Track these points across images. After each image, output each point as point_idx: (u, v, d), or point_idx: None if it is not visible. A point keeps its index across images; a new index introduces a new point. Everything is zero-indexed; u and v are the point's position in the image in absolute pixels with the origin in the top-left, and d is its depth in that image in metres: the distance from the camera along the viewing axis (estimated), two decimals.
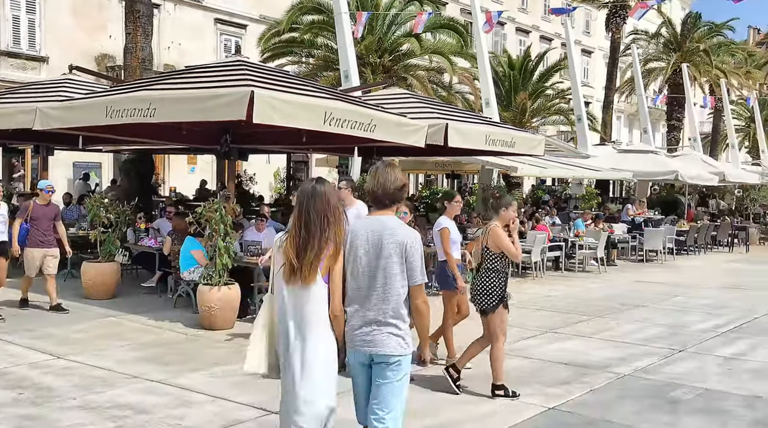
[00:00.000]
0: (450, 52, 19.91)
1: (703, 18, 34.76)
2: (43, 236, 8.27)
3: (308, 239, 3.20)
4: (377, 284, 3.33)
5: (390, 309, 3.32)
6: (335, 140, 9.98)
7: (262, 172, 23.73)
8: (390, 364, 3.30)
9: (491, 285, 5.57)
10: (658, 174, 19.44)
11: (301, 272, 3.21)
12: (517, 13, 38.42)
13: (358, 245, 3.38)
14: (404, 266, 3.33)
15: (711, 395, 5.79)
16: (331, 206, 3.24)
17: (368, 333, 3.32)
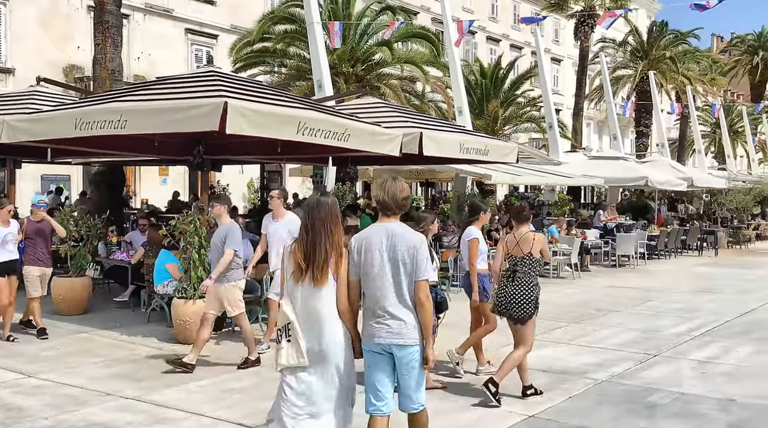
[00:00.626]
0: (422, 62, 20.01)
1: (668, 26, 35.55)
2: (42, 254, 7.91)
3: (314, 244, 3.64)
4: (390, 283, 3.75)
5: (403, 305, 3.75)
6: (309, 149, 9.94)
7: (236, 182, 23.58)
8: (408, 351, 3.75)
9: (531, 293, 5.68)
10: (629, 180, 19.73)
11: (311, 273, 3.64)
12: (488, 22, 38.84)
13: (374, 250, 3.78)
14: (413, 266, 3.74)
15: (686, 399, 5.85)
16: (333, 215, 3.70)
17: (390, 326, 3.75)
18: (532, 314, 5.70)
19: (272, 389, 6.02)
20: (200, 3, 25.49)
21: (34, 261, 7.84)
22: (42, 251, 7.92)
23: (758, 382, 6.40)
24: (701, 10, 16.39)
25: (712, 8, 16.31)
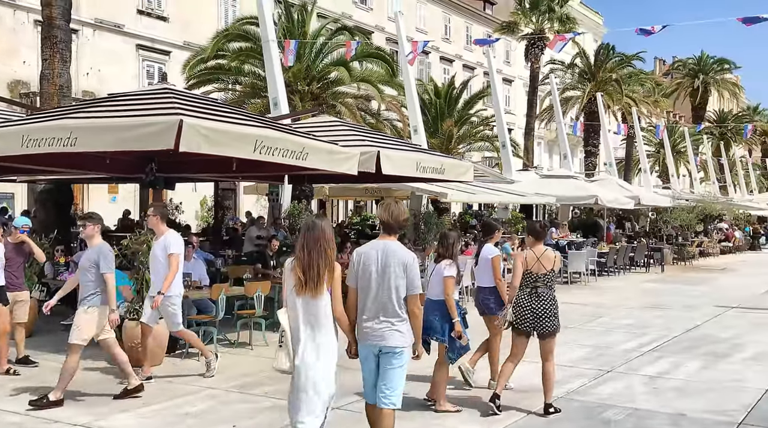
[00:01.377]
0: (378, 81, 20.17)
1: (614, 50, 36.76)
2: (14, 278, 7.40)
3: (311, 260, 4.13)
4: (384, 293, 4.30)
5: (394, 312, 4.30)
6: (265, 168, 9.86)
7: (189, 200, 23.10)
8: (395, 354, 4.30)
9: (556, 308, 5.96)
10: (579, 198, 20.22)
11: (309, 286, 4.13)
12: (441, 42, 39.47)
13: (370, 263, 4.34)
14: (405, 279, 4.31)
15: (640, 414, 5.98)
16: (326, 236, 4.18)
17: (378, 330, 4.30)
18: (558, 328, 5.98)
19: (228, 412, 5.92)
20: (152, 19, 25.15)
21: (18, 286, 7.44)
22: (15, 274, 7.45)
23: (707, 397, 6.59)
24: (646, 34, 16.98)
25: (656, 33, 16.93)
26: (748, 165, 52.23)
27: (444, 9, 40.59)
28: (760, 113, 63.59)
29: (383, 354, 4.32)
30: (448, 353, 6.03)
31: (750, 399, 6.39)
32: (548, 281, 5.97)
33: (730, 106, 64.32)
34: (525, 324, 5.96)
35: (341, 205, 33.34)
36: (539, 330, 5.93)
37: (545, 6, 31.81)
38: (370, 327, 4.32)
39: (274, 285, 9.65)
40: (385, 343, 4.29)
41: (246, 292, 8.76)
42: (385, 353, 4.31)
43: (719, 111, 60.27)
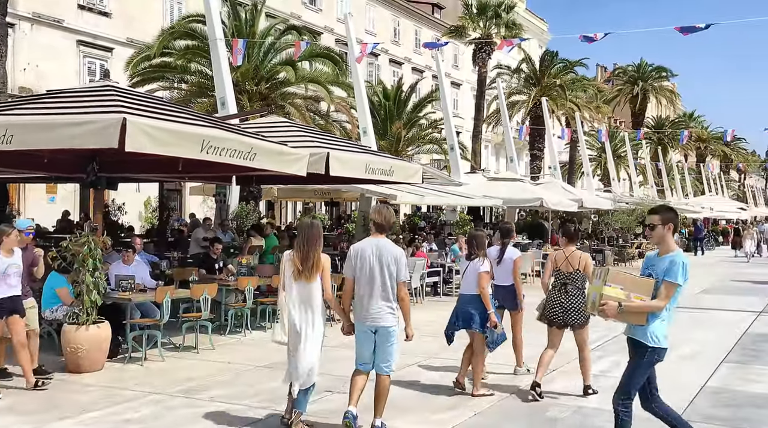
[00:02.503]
0: (327, 81, 20.08)
1: (558, 56, 37.66)
2: (24, 285, 6.98)
3: (308, 252, 5.26)
4: (379, 282, 5.20)
5: (388, 297, 5.21)
6: (212, 168, 9.69)
7: (132, 201, 22.54)
8: (389, 331, 5.23)
9: (584, 302, 6.38)
10: (525, 201, 20.60)
11: (305, 273, 5.24)
12: (390, 45, 39.64)
13: (366, 256, 5.22)
14: (396, 270, 5.20)
15: (584, 412, 6.12)
16: (319, 234, 5.36)
17: (375, 313, 5.21)
18: (588, 319, 6.55)
19: (172, 418, 5.78)
20: (94, 14, 24.40)
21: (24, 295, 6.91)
22: (22, 282, 6.91)
23: None
24: (589, 41, 17.46)
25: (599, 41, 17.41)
26: (684, 170, 54.28)
27: (393, 12, 40.79)
28: (695, 120, 66.20)
29: (380, 332, 5.24)
30: (488, 342, 6.63)
31: (687, 396, 6.62)
32: (576, 280, 6.59)
33: (668, 112, 66.75)
34: (556, 317, 6.65)
35: (290, 206, 33.07)
36: (570, 322, 6.62)
37: (492, 12, 32.32)
38: (368, 310, 5.22)
39: (221, 288, 9.51)
40: (382, 323, 5.22)
41: (192, 295, 8.59)
42: (381, 331, 5.23)
43: (657, 117, 62.49)
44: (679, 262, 4.38)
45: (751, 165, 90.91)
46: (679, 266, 4.36)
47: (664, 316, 4.46)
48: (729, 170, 77.95)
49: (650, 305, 4.38)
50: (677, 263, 4.36)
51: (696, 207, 39.67)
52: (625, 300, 4.38)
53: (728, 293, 14.66)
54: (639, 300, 4.38)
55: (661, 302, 4.37)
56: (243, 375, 7.34)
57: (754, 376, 7.54)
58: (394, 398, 6.45)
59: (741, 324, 10.99)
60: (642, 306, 4.38)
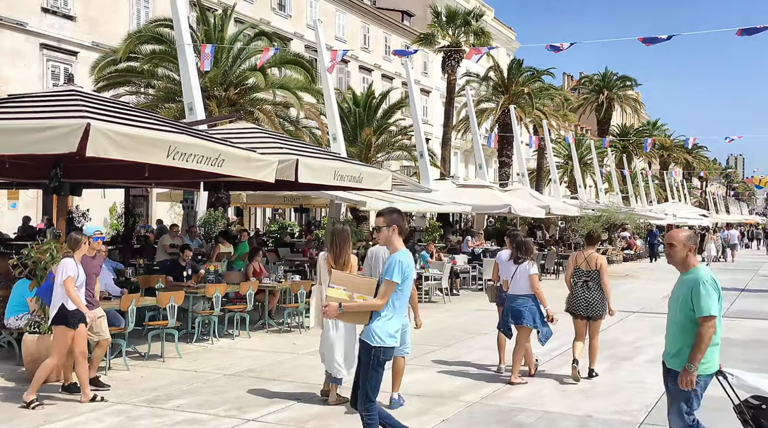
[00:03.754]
0: (296, 88, 20.03)
1: (525, 64, 38.18)
2: (91, 295, 6.92)
3: (340, 252, 6.39)
4: None
5: None
6: (179, 174, 9.59)
7: (97, 207, 22.17)
8: None
9: (601, 297, 7.57)
10: (494, 208, 20.79)
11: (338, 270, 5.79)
12: (360, 52, 39.71)
13: (380, 258, 6.19)
14: None
15: (550, 417, 6.19)
16: (348, 237, 6.54)
17: None
18: (604, 313, 7.63)
19: None
20: (58, 17, 23.95)
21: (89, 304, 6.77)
22: (91, 291, 6.95)
23: (611, 398, 6.91)
24: (555, 51, 17.74)
25: (565, 50, 17.71)
26: (648, 177, 55.41)
27: (363, 19, 40.90)
28: (658, 128, 67.62)
29: None
30: (540, 337, 7.51)
31: (651, 400, 6.74)
32: (595, 278, 7.56)
33: (632, 121, 68.07)
34: (579, 310, 7.65)
35: (259, 212, 32.84)
36: (590, 314, 7.61)
37: (461, 20, 32.63)
38: None
39: (188, 295, 9.39)
40: None
41: (158, 302, 8.46)
42: None
43: (622, 125, 63.69)
44: (396, 261, 4.43)
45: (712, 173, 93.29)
46: (396, 265, 4.41)
47: (388, 314, 4.47)
48: (691, 177, 79.82)
49: (368, 304, 4.44)
50: (394, 263, 4.42)
51: (660, 214, 40.48)
52: (347, 301, 4.42)
53: None
54: (361, 300, 4.44)
55: (380, 300, 4.42)
56: (210, 384, 7.26)
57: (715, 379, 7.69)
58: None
59: None
60: (361, 306, 4.45)
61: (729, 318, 12.64)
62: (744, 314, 13.20)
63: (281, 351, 9.03)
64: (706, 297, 4.18)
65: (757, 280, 21.54)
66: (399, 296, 4.50)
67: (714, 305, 4.20)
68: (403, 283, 4.46)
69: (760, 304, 14.96)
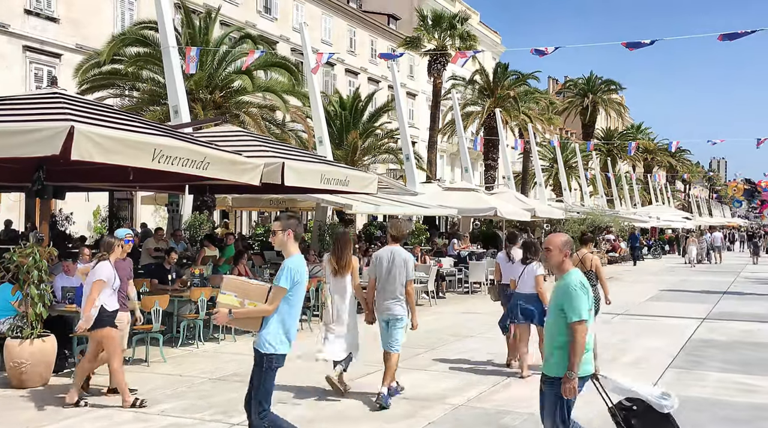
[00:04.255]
0: (282, 91, 20.00)
1: (511, 68, 38.39)
2: (125, 297, 6.94)
3: (341, 255, 6.91)
4: (393, 280, 6.65)
5: (399, 293, 6.65)
6: (164, 177, 9.55)
7: (81, 210, 21.98)
8: (398, 320, 6.70)
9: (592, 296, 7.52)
10: (480, 210, 20.86)
11: (340, 271, 6.91)
12: (347, 55, 39.73)
13: (383, 261, 6.71)
14: (405, 271, 6.63)
15: (536, 419, 6.19)
16: (349, 240, 7.09)
17: (389, 306, 6.68)
18: (599, 311, 8.26)
19: None
20: (41, 20, 23.75)
21: (120, 308, 6.74)
22: (125, 293, 6.93)
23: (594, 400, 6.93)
24: (540, 55, 17.85)
25: (550, 54, 17.84)
26: (632, 180, 55.86)
27: (349, 22, 40.93)
28: (642, 132, 68.25)
29: (391, 320, 6.70)
30: None
31: None
32: (590, 278, 8.05)
33: (616, 124, 68.70)
34: None
35: (245, 216, 32.71)
36: None
37: (447, 23, 32.74)
38: (382, 304, 6.70)
39: (173, 299, 9.34)
40: (391, 313, 6.67)
41: (142, 306, 8.40)
42: (392, 319, 6.69)
43: (606, 129, 64.19)
44: (286, 267, 4.44)
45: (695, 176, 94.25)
46: (285, 270, 4.43)
47: (278, 320, 4.44)
48: (675, 180, 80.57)
49: (257, 310, 4.42)
50: (284, 268, 4.43)
51: (644, 216, 40.83)
52: (237, 307, 4.40)
53: (674, 301, 15.12)
54: (251, 306, 4.42)
55: (269, 306, 4.42)
56: (195, 388, 7.22)
57: (697, 381, 7.79)
58: (348, 408, 6.46)
59: (686, 331, 11.34)
60: (250, 312, 4.42)
61: (711, 320, 12.79)
62: (726, 316, 13.35)
63: None
64: (577, 302, 4.19)
65: (739, 282, 21.78)
66: (290, 302, 4.47)
67: (584, 310, 4.20)
68: (292, 289, 4.43)
69: (741, 306, 15.13)
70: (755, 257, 35.21)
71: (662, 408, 4.09)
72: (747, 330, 11.60)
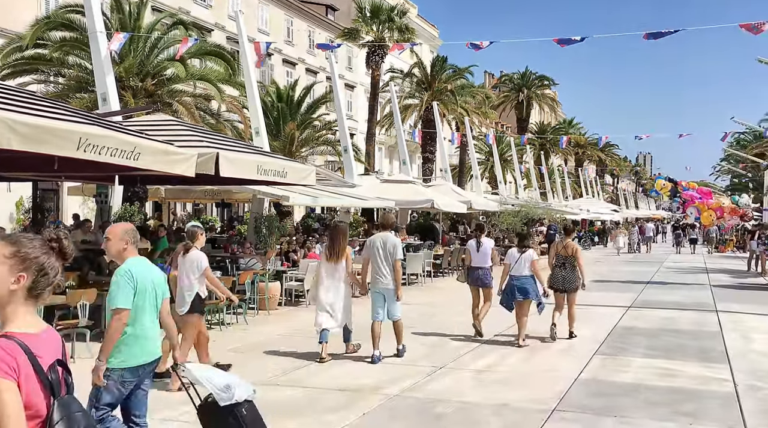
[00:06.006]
0: (217, 80, 19.59)
1: (449, 62, 38.77)
2: None
3: (333, 245, 8.23)
4: (383, 261, 8.16)
5: (390, 272, 8.17)
6: (93, 167, 9.18)
7: (1, 201, 20.98)
8: (390, 291, 8.19)
9: (576, 276, 9.86)
10: (417, 203, 21.03)
11: (333, 257, 8.14)
12: (284, 45, 39.24)
13: (375, 245, 8.22)
14: (393, 251, 8.15)
15: (468, 407, 6.35)
16: (342, 231, 8.38)
17: (382, 280, 8.19)
18: (578, 287, 9.83)
19: None
20: None
21: None
22: None
23: (526, 387, 7.15)
24: (476, 49, 18.11)
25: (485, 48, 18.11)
26: (564, 173, 57.51)
27: (286, 12, 40.41)
28: (574, 126, 70.32)
29: (386, 294, 8.23)
30: (538, 306, 9.37)
31: (562, 387, 7.03)
32: (572, 261, 9.80)
33: (549, 119, 70.46)
34: (557, 285, 9.85)
35: (179, 207, 31.93)
36: (566, 287, 9.80)
37: (385, 15, 32.79)
38: (377, 279, 8.22)
39: (102, 293, 9.04)
40: (386, 286, 8.21)
41: (68, 301, 8.10)
42: (387, 292, 8.22)
43: (540, 123, 65.81)
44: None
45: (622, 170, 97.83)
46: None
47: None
48: (604, 174, 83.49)
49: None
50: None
51: (575, 209, 42.12)
52: None
53: (602, 291, 15.66)
54: None
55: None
56: None
57: (622, 367, 8.12)
58: (284, 400, 6.42)
59: (612, 319, 11.79)
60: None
61: (635, 308, 13.34)
62: (649, 305, 13.95)
63: None
64: (116, 290, 4.22)
65: (662, 272, 22.79)
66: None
67: (123, 298, 4.20)
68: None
69: (663, 294, 15.85)
70: (677, 247, 36.96)
71: (221, 401, 3.91)
72: (668, 318, 12.16)
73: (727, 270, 23.83)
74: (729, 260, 29.49)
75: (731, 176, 59.92)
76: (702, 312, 12.89)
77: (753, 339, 10.11)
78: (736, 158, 49.81)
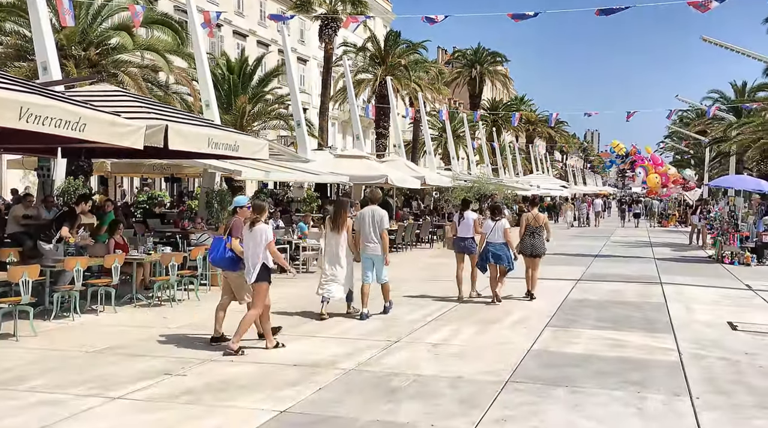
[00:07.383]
0: (165, 50, 19.00)
1: (401, 36, 38.55)
2: None
3: (337, 216, 9.29)
4: (371, 230, 9.40)
5: (377, 239, 9.40)
6: (34, 139, 8.80)
7: None
8: (378, 257, 9.46)
9: (544, 243, 11.32)
10: (371, 178, 20.98)
11: (335, 229, 9.25)
12: (234, 16, 38.26)
13: (365, 217, 9.45)
14: (381, 222, 9.39)
15: (423, 380, 6.39)
16: (344, 204, 9.61)
17: (370, 247, 9.43)
18: (543, 254, 11.30)
19: None
20: None
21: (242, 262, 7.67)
22: None
23: (481, 359, 7.25)
24: (431, 23, 18.04)
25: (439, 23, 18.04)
26: (515, 150, 58.28)
27: None
28: (525, 103, 71.15)
29: (374, 259, 9.44)
30: (508, 268, 10.75)
31: (515, 359, 7.15)
32: (540, 230, 11.18)
33: (502, 95, 71.11)
34: (527, 251, 11.16)
35: (126, 182, 31.06)
36: (534, 253, 11.14)
37: None
38: (366, 246, 9.38)
39: (45, 270, 8.73)
40: (374, 253, 9.39)
41: (9, 277, 7.80)
42: (375, 258, 9.42)
43: (492, 100, 66.34)
44: None
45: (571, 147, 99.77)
46: None
47: None
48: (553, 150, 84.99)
49: None
50: None
51: (525, 185, 42.79)
52: None
53: (552, 264, 15.96)
54: None
55: None
56: (69, 363, 6.81)
57: (572, 338, 8.31)
58: (237, 377, 6.35)
59: (562, 292, 12.05)
60: None
61: (584, 281, 13.68)
62: (597, 278, 14.32)
63: (150, 326, 8.66)
64: None
65: (609, 246, 23.42)
66: None
67: None
68: None
69: (610, 267, 16.29)
70: (622, 221, 38.09)
71: None
72: (616, 290, 12.51)
73: (669, 244, 24.64)
74: (671, 234, 30.51)
75: (674, 153, 61.78)
76: (647, 285, 13.30)
77: (695, 310, 10.49)
78: (680, 136, 51.30)
